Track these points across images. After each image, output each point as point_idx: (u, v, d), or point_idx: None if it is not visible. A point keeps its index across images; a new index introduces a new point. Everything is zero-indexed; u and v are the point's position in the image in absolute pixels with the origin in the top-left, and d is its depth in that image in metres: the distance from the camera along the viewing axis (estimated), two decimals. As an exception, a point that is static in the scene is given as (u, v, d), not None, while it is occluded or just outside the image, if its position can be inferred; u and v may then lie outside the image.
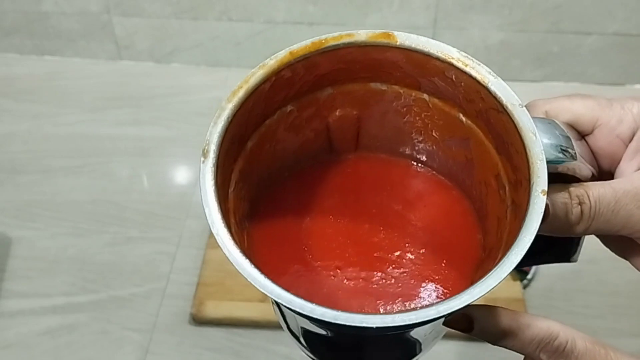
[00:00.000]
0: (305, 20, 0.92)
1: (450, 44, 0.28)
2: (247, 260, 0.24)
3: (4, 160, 0.85)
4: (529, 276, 0.70)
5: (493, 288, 0.23)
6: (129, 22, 0.96)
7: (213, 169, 0.26)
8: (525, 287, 0.69)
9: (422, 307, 0.23)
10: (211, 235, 0.74)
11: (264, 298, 0.68)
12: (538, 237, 0.24)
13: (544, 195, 0.24)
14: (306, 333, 0.30)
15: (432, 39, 0.28)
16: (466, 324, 0.26)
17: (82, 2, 0.94)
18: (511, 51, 0.94)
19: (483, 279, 0.23)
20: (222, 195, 0.25)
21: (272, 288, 0.23)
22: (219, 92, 0.93)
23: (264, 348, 0.66)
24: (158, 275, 0.72)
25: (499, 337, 0.26)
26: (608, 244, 0.32)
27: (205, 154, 0.26)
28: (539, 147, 0.25)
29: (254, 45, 0.95)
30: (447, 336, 0.66)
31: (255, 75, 0.27)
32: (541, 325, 0.26)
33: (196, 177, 0.83)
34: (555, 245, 0.32)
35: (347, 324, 0.22)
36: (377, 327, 0.22)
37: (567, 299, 0.69)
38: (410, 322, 0.22)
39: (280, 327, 0.74)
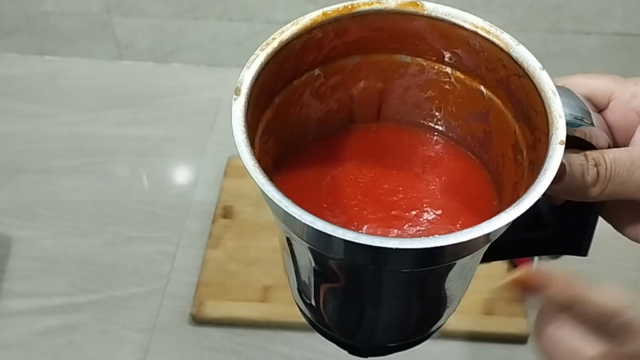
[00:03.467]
0: (305, 20, 0.92)
1: None
2: (271, 184, 0.24)
3: (4, 160, 0.85)
4: (529, 276, 0.70)
5: (511, 222, 0.23)
6: (129, 22, 0.96)
7: (244, 107, 0.26)
8: (525, 287, 0.69)
9: (443, 235, 0.23)
10: (211, 235, 0.74)
11: (264, 298, 0.68)
12: (551, 224, 0.24)
13: (561, 145, 0.25)
14: (318, 279, 0.30)
15: None
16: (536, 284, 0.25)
17: (82, 2, 0.94)
18: (511, 51, 0.94)
19: (503, 212, 0.23)
20: (250, 134, 0.26)
21: (289, 204, 0.24)
22: (219, 92, 0.93)
23: (264, 348, 0.66)
24: (158, 275, 0.72)
25: (573, 300, 0.26)
26: (622, 225, 0.32)
27: (237, 92, 0.27)
28: (558, 104, 0.26)
29: (254, 45, 0.94)
30: (447, 336, 0.66)
31: (289, 29, 0.29)
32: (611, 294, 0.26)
33: (196, 177, 0.83)
34: (568, 235, 0.32)
35: (368, 243, 0.22)
36: (395, 249, 0.22)
37: (567, 299, 0.69)
38: (429, 246, 0.22)
39: (280, 327, 0.74)
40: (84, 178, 0.82)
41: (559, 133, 0.25)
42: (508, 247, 0.33)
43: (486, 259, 0.30)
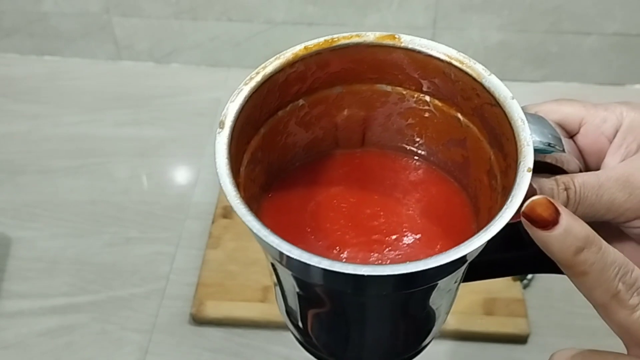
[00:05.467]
0: (305, 20, 0.92)
1: (450, 44, 0.30)
2: (252, 214, 0.25)
3: (4, 160, 0.85)
4: (529, 276, 0.70)
5: (478, 248, 0.24)
6: (129, 22, 0.96)
7: (227, 139, 0.27)
8: (525, 287, 0.69)
9: (412, 262, 0.23)
10: (211, 235, 0.74)
11: (263, 298, 0.68)
12: (532, 244, 0.24)
13: (529, 172, 0.26)
14: (303, 303, 0.30)
15: (432, 39, 0.30)
16: (553, 213, 0.24)
17: (82, 2, 0.94)
18: (511, 51, 0.94)
19: (469, 240, 0.24)
20: (234, 166, 0.27)
21: (268, 234, 0.24)
22: (219, 92, 0.93)
23: (264, 348, 0.66)
24: (158, 276, 0.72)
25: (583, 245, 0.24)
26: None
27: (221, 125, 0.28)
28: (527, 132, 0.27)
29: (254, 45, 0.95)
30: (447, 336, 0.66)
31: (272, 64, 0.30)
32: (617, 252, 0.25)
33: (196, 178, 0.83)
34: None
35: (341, 271, 0.23)
36: (368, 276, 0.23)
37: (567, 299, 0.69)
38: (400, 272, 0.23)
39: (280, 327, 0.74)
40: (83, 178, 0.82)
41: (527, 160, 0.26)
42: (489, 266, 0.34)
43: (469, 278, 0.31)
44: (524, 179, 0.26)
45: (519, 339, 0.66)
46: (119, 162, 0.85)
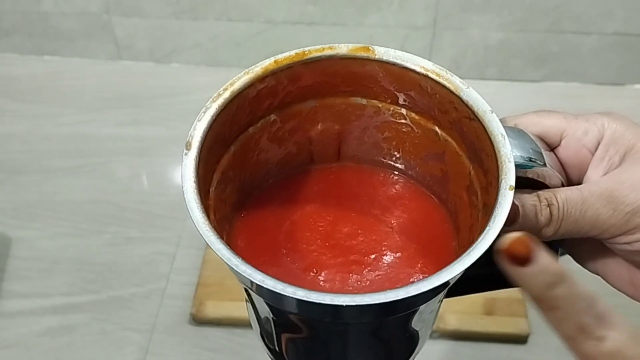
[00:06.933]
0: (305, 20, 0.92)
1: (450, 44, 0.29)
2: (222, 242, 0.25)
3: (4, 160, 0.85)
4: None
5: (461, 272, 0.23)
6: (129, 22, 0.96)
7: (195, 161, 0.26)
8: (525, 287, 0.69)
9: (392, 290, 0.23)
10: (211, 235, 0.74)
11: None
12: None
13: (511, 190, 0.25)
14: (278, 329, 0.30)
15: (432, 38, 0.29)
16: (532, 250, 0.23)
17: (82, 2, 0.94)
18: (511, 51, 0.94)
19: (451, 264, 0.24)
20: (202, 189, 0.26)
21: (240, 263, 0.23)
22: (219, 92, 0.93)
23: (264, 348, 0.66)
24: (158, 276, 0.72)
25: (556, 281, 0.24)
26: (581, 260, 0.33)
27: (188, 146, 0.27)
28: (508, 148, 0.26)
29: (254, 45, 0.95)
30: (447, 336, 0.66)
31: (240, 79, 0.29)
32: (585, 287, 0.25)
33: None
34: None
35: (318, 301, 0.22)
36: (346, 306, 0.22)
37: (567, 299, 0.69)
38: (380, 302, 0.22)
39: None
40: (83, 178, 0.82)
41: (509, 178, 0.25)
42: (471, 282, 0.33)
43: (449, 294, 0.30)
44: (506, 197, 0.25)
45: (519, 339, 0.66)
46: (119, 162, 0.85)
